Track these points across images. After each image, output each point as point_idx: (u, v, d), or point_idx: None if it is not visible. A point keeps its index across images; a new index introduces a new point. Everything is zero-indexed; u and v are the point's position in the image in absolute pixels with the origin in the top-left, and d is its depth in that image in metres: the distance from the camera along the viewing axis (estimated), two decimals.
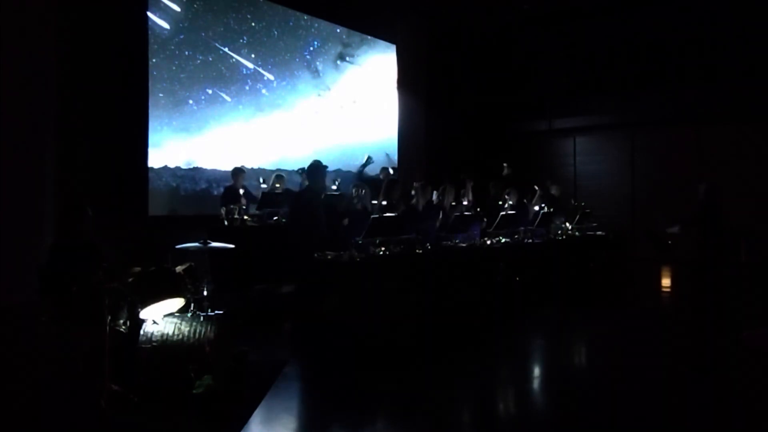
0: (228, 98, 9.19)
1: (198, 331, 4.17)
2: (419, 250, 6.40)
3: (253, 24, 9.68)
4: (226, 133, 9.10)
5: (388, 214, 6.47)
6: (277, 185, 8.14)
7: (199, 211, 8.43)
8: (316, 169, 6.14)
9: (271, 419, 3.89)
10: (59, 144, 7.06)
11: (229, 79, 9.23)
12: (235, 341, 4.51)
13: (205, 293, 4.58)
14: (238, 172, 7.87)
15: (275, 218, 7.76)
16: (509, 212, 8.26)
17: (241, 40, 9.46)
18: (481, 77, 14.21)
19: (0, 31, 6.51)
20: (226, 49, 9.19)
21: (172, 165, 8.44)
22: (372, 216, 6.05)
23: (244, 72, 9.49)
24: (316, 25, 10.77)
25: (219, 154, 8.94)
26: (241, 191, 7.73)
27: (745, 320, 6.53)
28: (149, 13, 8.20)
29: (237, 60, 9.36)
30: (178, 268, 4.54)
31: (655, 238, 9.33)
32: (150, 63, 8.19)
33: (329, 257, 5.71)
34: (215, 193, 8.75)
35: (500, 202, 8.99)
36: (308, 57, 10.60)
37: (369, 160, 7.53)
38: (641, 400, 4.22)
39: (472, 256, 7.06)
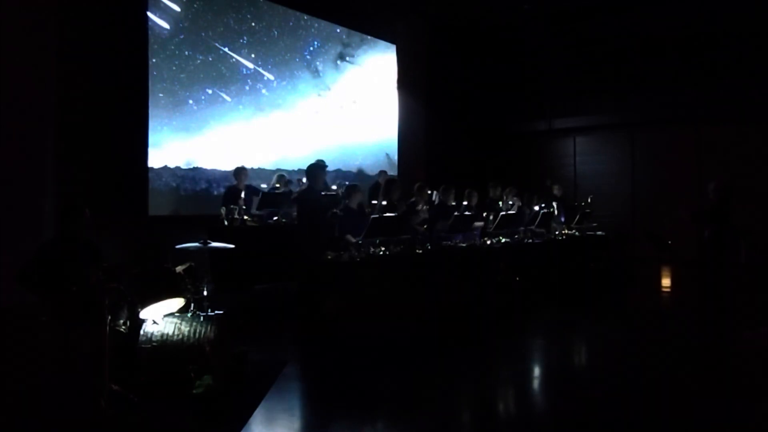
0: (228, 98, 9.19)
1: (198, 331, 4.17)
2: (419, 250, 6.41)
3: (253, 24, 9.68)
4: (226, 133, 9.10)
5: (388, 214, 6.48)
6: (278, 185, 8.15)
7: (199, 211, 8.43)
8: (316, 168, 6.18)
9: (271, 419, 3.89)
10: (59, 144, 7.06)
11: (229, 79, 9.22)
12: (235, 341, 4.51)
13: (205, 293, 4.58)
14: (240, 171, 7.87)
15: (275, 218, 7.76)
16: (509, 212, 8.27)
17: (241, 40, 9.46)
18: (480, 77, 14.21)
19: (0, 31, 6.51)
20: (226, 49, 9.18)
21: (172, 165, 8.44)
22: (372, 216, 6.05)
23: (244, 72, 9.49)
24: (316, 25, 10.77)
25: (219, 154, 8.94)
26: (242, 194, 7.71)
27: (745, 320, 6.53)
28: (149, 13, 8.19)
29: (237, 60, 9.36)
30: (178, 268, 4.54)
31: (655, 238, 9.33)
32: (150, 63, 8.19)
33: (329, 257, 5.72)
34: (215, 193, 8.75)
35: (500, 203, 8.99)
36: (308, 57, 10.60)
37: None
38: (641, 400, 4.22)
39: (472, 256, 7.06)
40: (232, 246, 4.77)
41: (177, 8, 8.55)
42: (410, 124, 12.68)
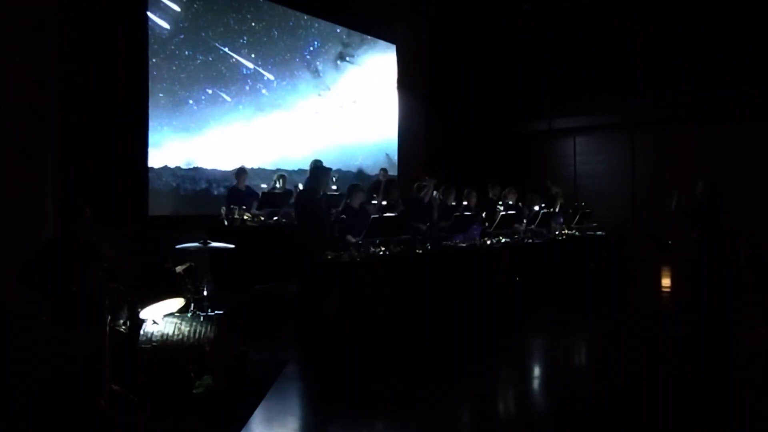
0: (228, 98, 9.19)
1: (198, 331, 4.17)
2: (419, 250, 6.40)
3: (253, 24, 9.67)
4: (226, 133, 9.10)
5: (388, 214, 6.48)
6: (278, 185, 8.15)
7: (199, 211, 8.43)
8: (319, 168, 6.18)
9: (271, 419, 3.89)
10: (59, 144, 7.06)
11: (229, 79, 9.22)
12: (235, 341, 4.51)
13: (205, 293, 4.58)
14: (241, 172, 7.88)
15: (275, 218, 7.76)
16: (509, 212, 8.26)
17: (241, 40, 9.46)
18: (480, 77, 14.21)
19: (0, 31, 6.50)
20: (226, 49, 9.18)
21: (172, 165, 8.44)
22: (372, 216, 6.05)
23: (244, 72, 9.49)
24: (316, 25, 10.77)
25: (219, 154, 8.94)
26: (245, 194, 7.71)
27: (745, 320, 6.52)
28: (149, 13, 8.19)
29: (237, 60, 9.35)
30: (178, 268, 4.53)
31: (655, 238, 9.33)
32: (150, 63, 8.19)
33: (329, 257, 5.71)
34: (215, 193, 8.75)
35: (500, 203, 8.98)
36: (308, 57, 10.60)
37: None
38: (641, 400, 4.22)
39: (472, 256, 7.06)
40: (232, 246, 4.76)
41: (177, 8, 8.55)
42: (410, 124, 12.68)
